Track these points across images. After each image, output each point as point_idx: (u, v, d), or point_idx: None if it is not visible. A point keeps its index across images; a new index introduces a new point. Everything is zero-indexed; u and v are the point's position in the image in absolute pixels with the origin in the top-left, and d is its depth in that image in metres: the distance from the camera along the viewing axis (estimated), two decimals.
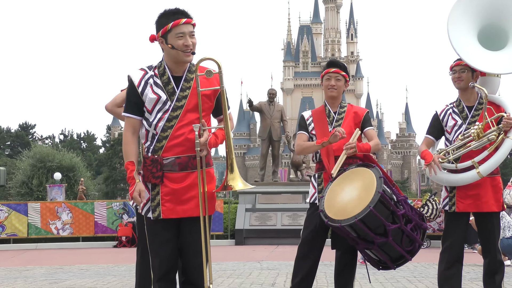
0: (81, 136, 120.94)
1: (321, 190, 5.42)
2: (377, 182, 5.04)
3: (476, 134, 5.18)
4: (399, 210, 5.04)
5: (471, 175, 5.20)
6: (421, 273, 9.41)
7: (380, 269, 5.30)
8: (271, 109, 18.74)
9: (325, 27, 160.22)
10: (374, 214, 4.89)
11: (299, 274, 5.42)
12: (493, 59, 5.26)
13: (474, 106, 5.35)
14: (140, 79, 4.16)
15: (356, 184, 5.14)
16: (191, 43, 4.10)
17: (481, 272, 5.39)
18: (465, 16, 5.28)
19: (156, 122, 4.10)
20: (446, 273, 5.28)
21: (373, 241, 4.98)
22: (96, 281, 8.81)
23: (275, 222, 17.00)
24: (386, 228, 4.95)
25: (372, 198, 4.94)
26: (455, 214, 5.30)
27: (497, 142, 5.17)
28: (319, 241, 5.43)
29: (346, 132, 5.42)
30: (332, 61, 5.67)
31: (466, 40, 5.25)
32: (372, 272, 9.24)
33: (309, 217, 5.48)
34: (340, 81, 5.56)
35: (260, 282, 8.35)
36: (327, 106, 5.62)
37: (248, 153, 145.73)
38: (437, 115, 5.43)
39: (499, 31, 5.34)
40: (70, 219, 17.36)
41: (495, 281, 5.28)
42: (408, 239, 5.08)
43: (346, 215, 4.97)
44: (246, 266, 10.74)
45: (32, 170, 44.28)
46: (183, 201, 4.09)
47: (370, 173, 5.16)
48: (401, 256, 5.15)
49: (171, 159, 4.08)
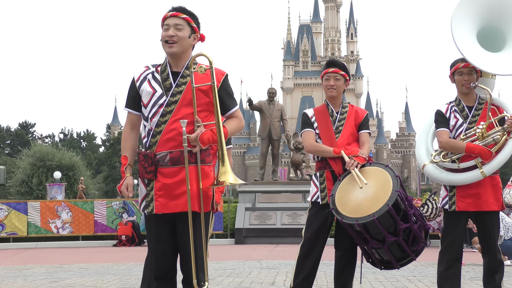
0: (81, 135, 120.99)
1: (323, 189, 5.41)
2: (393, 181, 5.07)
3: (481, 134, 5.20)
4: (410, 209, 5.07)
5: (475, 175, 5.21)
6: (420, 272, 9.42)
7: (382, 268, 5.31)
8: (271, 108, 18.74)
9: (325, 26, 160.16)
10: (391, 213, 4.91)
11: (301, 273, 5.42)
12: (493, 60, 5.28)
13: (474, 106, 5.36)
14: (141, 74, 4.23)
15: (370, 183, 5.14)
16: (174, 34, 4.13)
17: (481, 271, 5.40)
18: (467, 16, 5.29)
19: (151, 116, 4.13)
20: (446, 273, 5.29)
21: (384, 239, 4.99)
22: (96, 280, 8.82)
23: (275, 221, 17.00)
24: (398, 227, 4.97)
25: (389, 197, 4.97)
26: (455, 213, 5.31)
27: (501, 142, 5.19)
28: (321, 241, 5.43)
29: (347, 132, 5.45)
30: (331, 61, 5.65)
31: (468, 40, 5.26)
32: (372, 271, 9.27)
33: (312, 216, 5.47)
34: (339, 81, 5.55)
35: (260, 281, 8.36)
36: (329, 105, 5.61)
37: (248, 152, 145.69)
38: (442, 112, 5.41)
39: (497, 33, 5.36)
40: (70, 218, 17.37)
41: (495, 280, 5.28)
42: (414, 239, 5.11)
43: (362, 213, 4.98)
44: (246, 265, 10.74)
45: (32, 169, 44.27)
46: (175, 196, 4.08)
47: (384, 172, 5.19)
48: (406, 255, 5.18)
49: (163, 154, 4.09)
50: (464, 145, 5.20)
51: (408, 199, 5.13)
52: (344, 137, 5.46)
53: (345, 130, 5.50)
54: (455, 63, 5.37)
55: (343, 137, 5.47)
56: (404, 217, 5.05)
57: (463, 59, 5.30)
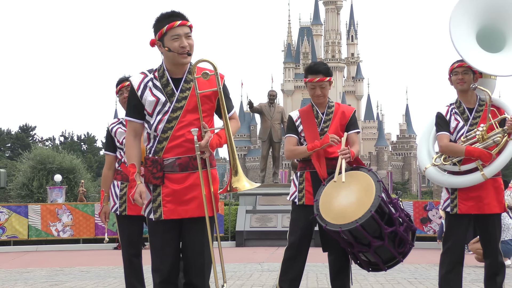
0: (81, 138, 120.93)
1: (301, 190, 5.42)
2: (376, 186, 5.04)
3: (481, 136, 5.18)
4: (394, 213, 5.05)
5: (476, 177, 5.19)
6: (421, 275, 9.41)
7: (370, 270, 5.31)
8: (271, 110, 18.72)
9: (325, 29, 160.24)
10: (375, 219, 4.89)
11: (287, 276, 5.44)
12: (493, 61, 5.25)
13: (475, 108, 5.34)
14: (140, 82, 4.17)
15: (354, 188, 5.11)
16: (187, 44, 4.09)
17: (482, 274, 5.39)
18: (466, 17, 5.27)
19: (157, 124, 4.10)
20: (447, 276, 5.28)
21: (370, 244, 4.98)
22: (96, 283, 8.81)
23: (275, 224, 16.98)
24: (383, 231, 4.96)
25: (372, 203, 4.94)
26: (457, 216, 5.29)
27: (501, 144, 5.17)
28: (306, 244, 5.48)
29: (333, 133, 5.39)
30: (314, 69, 5.45)
31: (467, 41, 5.24)
32: (373, 273, 9.26)
33: (295, 221, 5.48)
34: (325, 88, 5.46)
35: (261, 284, 8.35)
36: (314, 107, 5.55)
37: (249, 154, 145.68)
38: (443, 115, 5.39)
39: (496, 33, 5.33)
40: (70, 221, 17.35)
41: (496, 283, 5.27)
42: (401, 241, 5.09)
43: (346, 220, 4.95)
44: (247, 267, 10.73)
45: (32, 172, 44.20)
46: (184, 201, 4.08)
47: (366, 176, 5.15)
48: (393, 257, 5.16)
49: (171, 160, 4.08)
50: (464, 149, 5.18)
51: (393, 202, 5.12)
52: None
53: (330, 131, 5.44)
54: (452, 64, 5.36)
55: None
56: (389, 221, 5.04)
57: (459, 60, 5.29)
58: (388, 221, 5.03)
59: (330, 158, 5.38)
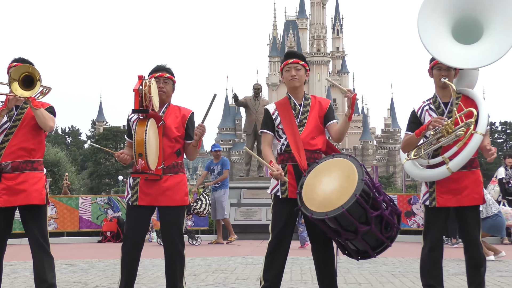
0: (65, 131, 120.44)
1: (284, 183, 5.37)
2: (358, 170, 5.03)
3: (445, 130, 5.19)
4: (379, 196, 5.05)
5: (442, 171, 5.22)
6: (405, 268, 9.45)
7: (359, 259, 5.30)
8: (256, 104, 18.72)
9: (310, 22, 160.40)
10: (359, 202, 4.88)
11: (271, 269, 5.44)
12: (464, 53, 5.22)
13: (450, 101, 5.34)
14: None
15: (335, 174, 5.09)
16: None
17: (464, 267, 5.41)
18: (438, 10, 5.25)
19: None
20: (430, 254, 5.29)
21: (357, 230, 4.97)
22: (80, 276, 8.78)
23: (260, 217, 17.02)
24: (369, 215, 4.95)
25: (356, 187, 4.93)
26: (435, 209, 5.31)
27: (466, 137, 5.16)
28: (288, 237, 5.46)
29: (311, 125, 5.40)
30: (289, 52, 5.59)
31: (437, 35, 5.23)
32: (357, 266, 9.29)
33: (276, 214, 5.46)
34: (300, 71, 5.48)
35: (245, 277, 8.36)
36: (291, 98, 5.53)
37: (234, 148, 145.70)
38: (414, 112, 5.43)
39: (475, 24, 5.29)
40: (54, 214, 17.28)
41: (480, 274, 5.29)
42: (387, 225, 5.10)
43: (331, 206, 4.93)
44: (231, 261, 10.73)
45: None
46: None
47: (347, 162, 5.13)
48: (381, 243, 5.16)
49: None
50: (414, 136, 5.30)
51: (376, 186, 5.11)
52: (308, 131, 5.40)
53: (309, 123, 5.42)
54: (434, 58, 5.34)
55: (307, 130, 5.40)
56: (374, 205, 5.04)
57: None
58: (372, 206, 5.02)
59: (311, 150, 5.38)
